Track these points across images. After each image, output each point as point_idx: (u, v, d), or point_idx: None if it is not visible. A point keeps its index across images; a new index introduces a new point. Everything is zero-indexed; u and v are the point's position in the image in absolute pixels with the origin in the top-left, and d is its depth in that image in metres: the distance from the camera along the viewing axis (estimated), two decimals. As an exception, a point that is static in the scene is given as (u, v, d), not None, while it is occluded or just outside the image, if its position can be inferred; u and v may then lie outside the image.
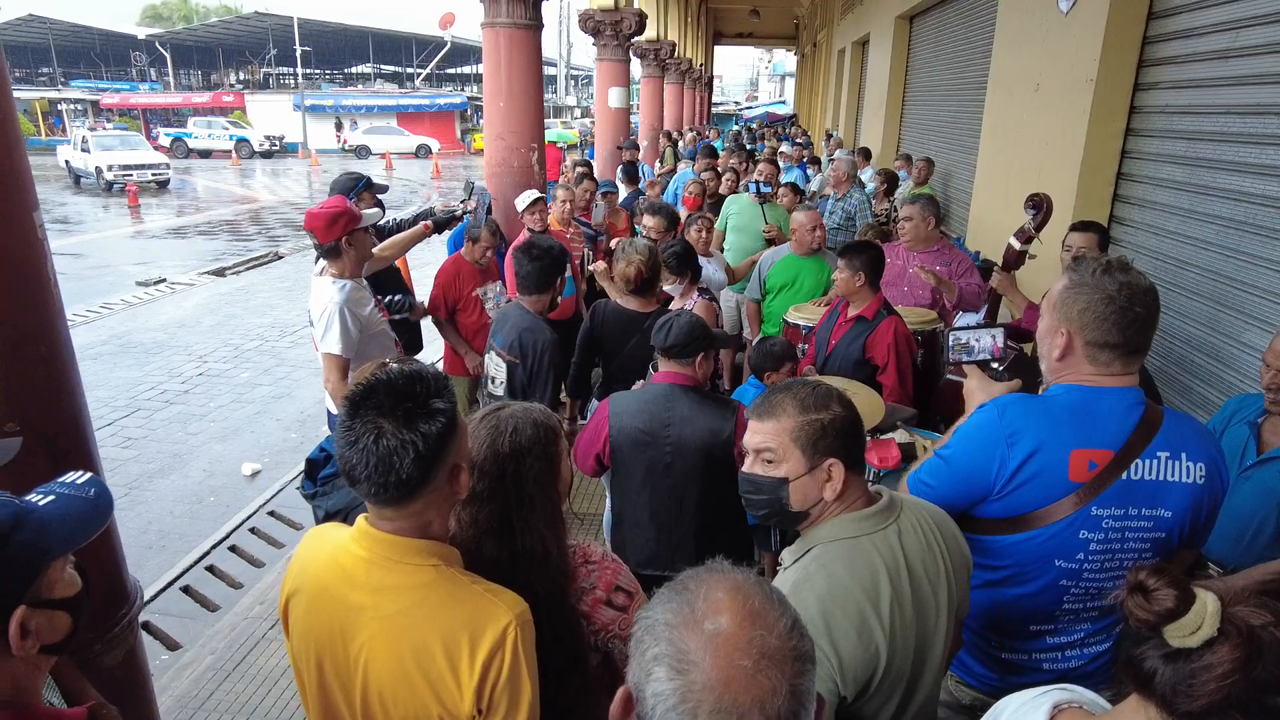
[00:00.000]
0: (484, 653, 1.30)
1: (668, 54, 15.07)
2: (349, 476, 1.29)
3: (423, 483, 1.29)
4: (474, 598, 1.35)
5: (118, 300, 10.22)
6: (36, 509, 1.13)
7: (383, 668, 1.34)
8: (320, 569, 1.40)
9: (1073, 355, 1.64)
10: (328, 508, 2.02)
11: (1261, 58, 3.19)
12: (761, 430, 1.50)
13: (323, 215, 3.10)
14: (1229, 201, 3.35)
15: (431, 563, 1.35)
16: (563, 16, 45.75)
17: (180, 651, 3.70)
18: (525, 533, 1.54)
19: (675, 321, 2.54)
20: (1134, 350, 1.60)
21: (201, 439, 6.13)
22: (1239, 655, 0.86)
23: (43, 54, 43.17)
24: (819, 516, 1.50)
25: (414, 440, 1.25)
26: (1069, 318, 1.62)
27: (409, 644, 1.32)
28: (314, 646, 1.39)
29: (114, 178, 21.19)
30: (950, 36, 8.37)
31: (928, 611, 1.45)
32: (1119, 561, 1.63)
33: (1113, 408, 1.60)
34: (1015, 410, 1.64)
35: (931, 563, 1.47)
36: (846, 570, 1.41)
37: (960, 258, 4.12)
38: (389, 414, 1.27)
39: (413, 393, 1.29)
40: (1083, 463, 1.58)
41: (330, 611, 1.37)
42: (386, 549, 1.34)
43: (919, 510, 1.54)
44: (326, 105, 39.19)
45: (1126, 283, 1.58)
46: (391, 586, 1.34)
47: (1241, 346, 3.20)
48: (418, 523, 1.35)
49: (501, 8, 5.54)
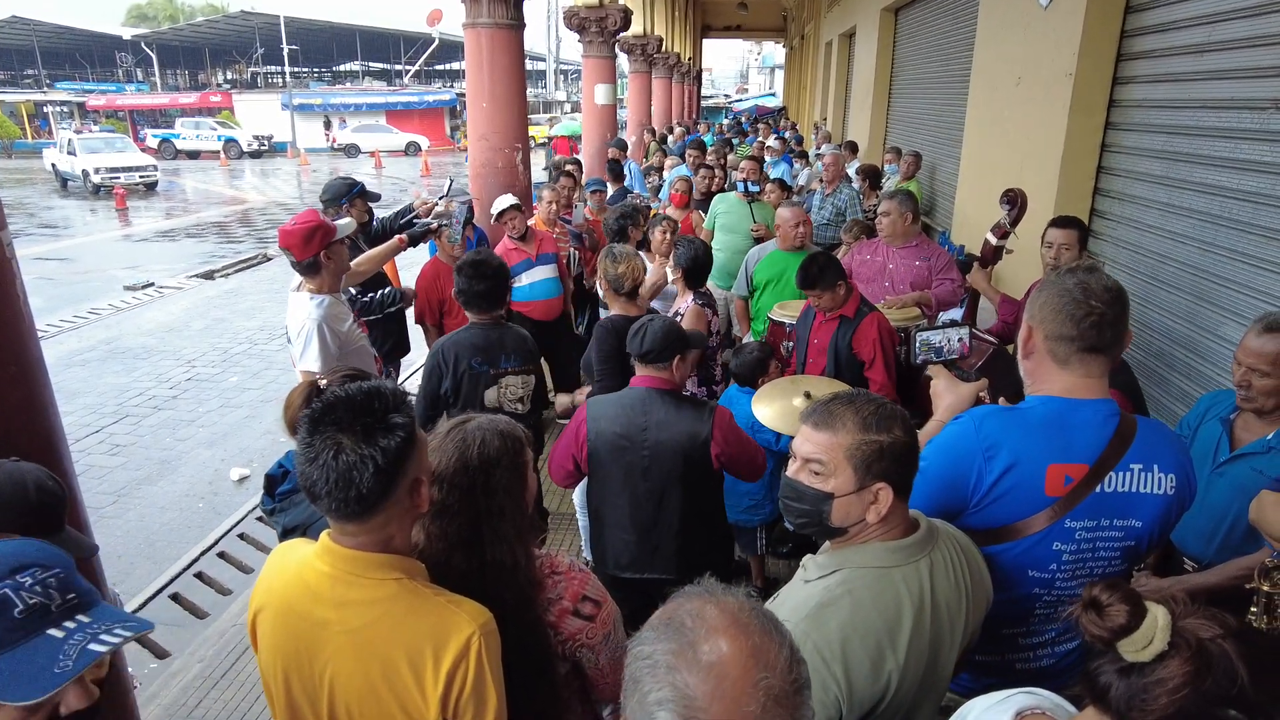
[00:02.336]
0: (448, 663, 1.32)
1: (655, 49, 15.03)
2: (310, 493, 1.30)
3: (383, 497, 1.30)
4: (437, 609, 1.36)
5: (105, 305, 10.19)
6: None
7: (349, 682, 1.36)
8: (285, 585, 1.41)
9: (1035, 351, 1.67)
10: (285, 523, 2.03)
11: (1236, 52, 3.20)
12: (815, 440, 1.43)
13: (298, 231, 3.02)
14: (1205, 195, 3.37)
15: (394, 576, 1.36)
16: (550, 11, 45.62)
17: (169, 660, 3.70)
18: (495, 543, 1.55)
19: (649, 327, 2.56)
20: (1092, 348, 1.60)
21: (190, 445, 6.12)
22: (1189, 669, 0.88)
23: (27, 56, 42.88)
24: (856, 535, 1.46)
25: (373, 455, 1.26)
26: (1032, 314, 1.67)
27: (374, 657, 1.34)
28: (281, 662, 1.40)
29: (101, 181, 21.09)
30: (935, 29, 8.37)
31: (941, 643, 1.45)
32: (1090, 569, 1.66)
33: (1088, 420, 1.62)
34: (992, 423, 1.64)
35: (954, 598, 1.47)
36: (872, 601, 1.39)
37: (939, 253, 4.13)
38: (348, 429, 1.27)
39: (371, 408, 1.30)
40: (1059, 477, 1.59)
41: (296, 627, 1.38)
42: (349, 564, 1.35)
43: (952, 542, 1.53)
44: (315, 104, 39.00)
45: (1084, 280, 1.61)
46: (355, 601, 1.35)
47: (1219, 340, 3.22)
48: (380, 537, 1.36)
49: (483, 8, 5.53)
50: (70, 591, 1.06)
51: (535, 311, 5.03)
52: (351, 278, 3.59)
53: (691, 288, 3.78)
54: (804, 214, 4.58)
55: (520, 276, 4.96)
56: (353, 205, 4.61)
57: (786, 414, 2.95)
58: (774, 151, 10.32)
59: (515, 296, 5.00)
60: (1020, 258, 3.86)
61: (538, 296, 5.00)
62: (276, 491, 2.08)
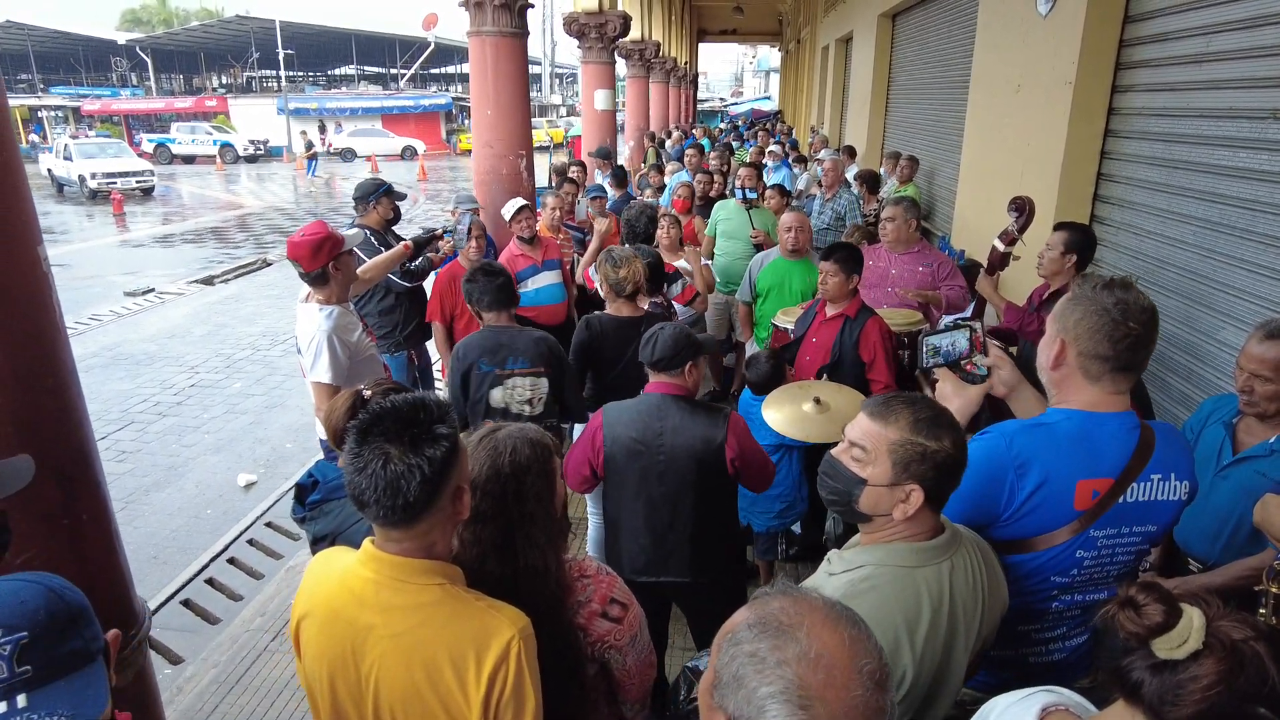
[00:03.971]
0: (489, 666, 1.36)
1: (652, 54, 15.10)
2: (358, 501, 1.34)
3: (428, 505, 1.34)
4: (478, 614, 1.41)
5: (106, 311, 10.20)
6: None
7: (393, 684, 1.40)
8: (330, 592, 1.45)
9: (1066, 365, 1.68)
10: (316, 532, 2.08)
11: (1233, 62, 3.26)
12: (865, 428, 1.49)
13: (307, 243, 3.06)
14: (1204, 202, 3.43)
15: (436, 581, 1.41)
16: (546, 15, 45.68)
17: (183, 665, 3.73)
18: (527, 549, 1.60)
19: (660, 335, 2.60)
20: (1125, 367, 1.64)
21: (196, 451, 6.14)
22: (1223, 667, 0.94)
23: (22, 60, 42.74)
24: (882, 529, 1.51)
25: (420, 464, 1.31)
26: (1065, 328, 1.68)
27: (418, 660, 1.38)
28: (327, 667, 1.44)
29: (98, 186, 21.09)
30: (933, 35, 8.44)
31: (956, 643, 1.50)
32: (1106, 572, 1.72)
33: (1114, 434, 1.66)
34: (1023, 439, 1.67)
35: (971, 602, 1.51)
36: (895, 597, 1.45)
37: (941, 260, 4.19)
38: (395, 440, 1.32)
39: (417, 419, 1.35)
40: (1087, 492, 1.63)
41: (341, 633, 1.42)
42: (393, 570, 1.40)
43: (973, 548, 1.57)
44: (310, 108, 38.98)
45: (1123, 299, 1.62)
46: (399, 606, 1.39)
47: (1218, 344, 3.28)
48: (423, 544, 1.40)
49: (487, 16, 5.57)
50: (27, 663, 0.93)
51: (540, 317, 5.07)
52: (358, 285, 3.64)
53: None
54: (802, 219, 4.64)
55: (526, 282, 5.01)
56: (379, 203, 4.78)
57: (796, 419, 3.00)
58: (776, 156, 10.37)
59: (520, 302, 5.06)
60: (1024, 264, 3.91)
61: (543, 302, 5.04)
62: (307, 500, 2.12)
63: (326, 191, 24.64)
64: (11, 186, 1.71)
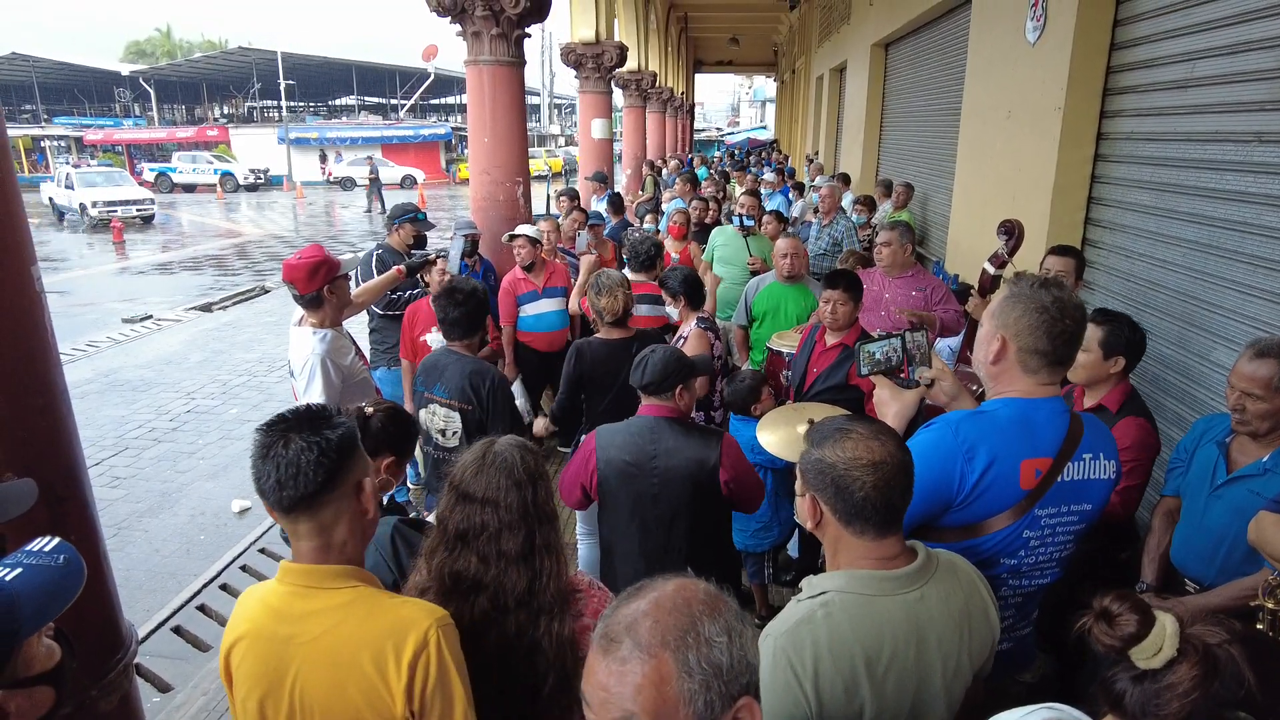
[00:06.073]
0: (409, 655, 1.38)
1: (649, 84, 15.30)
2: (261, 491, 1.39)
3: (328, 485, 1.38)
4: (394, 609, 1.43)
5: (104, 338, 10.20)
6: (3, 585, 1.04)
7: (316, 688, 1.41)
8: (252, 614, 1.47)
9: (1005, 360, 1.76)
10: None
11: (1216, 88, 3.32)
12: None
13: (303, 266, 3.07)
14: (1193, 225, 3.46)
15: (350, 585, 1.44)
16: (545, 46, 46.32)
17: (172, 694, 3.68)
18: (545, 552, 1.66)
19: (650, 359, 2.60)
20: (1059, 361, 1.73)
21: (190, 477, 6.11)
22: (1197, 673, 0.93)
23: (26, 91, 43.26)
24: (835, 553, 1.52)
25: (318, 441, 1.37)
26: (1005, 325, 1.75)
27: (337, 661, 1.40)
28: (257, 690, 1.45)
29: (98, 214, 21.19)
30: (925, 65, 8.57)
31: (931, 678, 1.46)
32: (1049, 553, 1.79)
33: (1049, 418, 1.74)
34: (968, 426, 1.74)
35: (951, 633, 1.48)
36: (851, 626, 1.41)
37: (935, 284, 4.21)
38: (296, 429, 1.39)
39: (319, 414, 1.43)
40: (1031, 471, 1.71)
41: (264, 650, 1.44)
42: (305, 578, 1.43)
43: (955, 575, 1.54)
44: (311, 138, 39.37)
45: (1059, 298, 1.70)
46: (314, 611, 1.41)
47: (1211, 365, 3.29)
48: (331, 540, 1.42)
49: (485, 46, 5.66)
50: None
51: (538, 342, 5.10)
52: (352, 309, 3.65)
53: (694, 309, 3.85)
54: (796, 245, 4.66)
55: (525, 307, 5.03)
56: (401, 227, 4.91)
57: (790, 442, 3.00)
58: (770, 185, 10.48)
59: (519, 327, 5.08)
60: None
61: (542, 328, 5.07)
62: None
63: (325, 219, 24.79)
64: (5, 208, 1.73)
